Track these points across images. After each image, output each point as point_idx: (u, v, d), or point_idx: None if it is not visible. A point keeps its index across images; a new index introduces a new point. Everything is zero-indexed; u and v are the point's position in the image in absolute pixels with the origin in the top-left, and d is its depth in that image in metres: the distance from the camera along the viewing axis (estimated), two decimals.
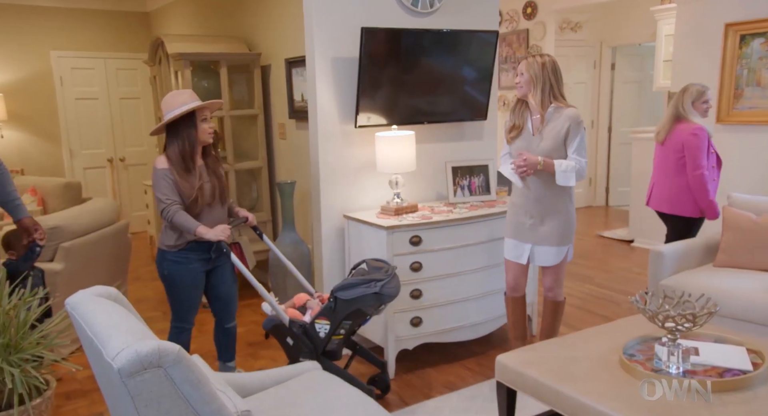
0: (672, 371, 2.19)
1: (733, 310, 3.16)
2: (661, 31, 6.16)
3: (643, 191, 5.79)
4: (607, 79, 7.72)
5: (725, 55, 4.80)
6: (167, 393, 1.41)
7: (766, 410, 1.98)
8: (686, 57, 5.32)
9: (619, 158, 7.73)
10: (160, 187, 2.75)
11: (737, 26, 4.71)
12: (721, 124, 4.88)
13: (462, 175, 3.78)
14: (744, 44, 4.71)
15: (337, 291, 2.70)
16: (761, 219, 3.44)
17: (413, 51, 3.48)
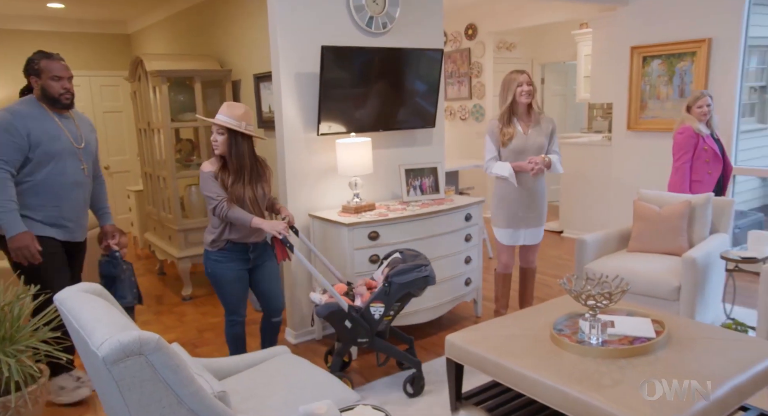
0: (593, 342, 2.26)
1: (641, 288, 3.27)
2: (580, 51, 6.33)
3: (569, 189, 5.95)
4: (538, 92, 7.88)
5: (632, 73, 4.97)
6: (149, 377, 1.38)
7: (665, 368, 2.07)
8: (601, 74, 5.49)
9: None
10: (208, 186, 2.66)
11: (640, 49, 4.89)
12: (630, 130, 5.06)
13: (414, 177, 3.80)
14: (646, 64, 4.89)
15: (393, 276, 2.73)
16: (663, 211, 3.56)
17: (369, 67, 3.48)
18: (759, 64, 6.47)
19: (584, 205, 5.72)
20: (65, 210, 2.75)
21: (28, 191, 2.65)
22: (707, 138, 3.86)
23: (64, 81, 2.69)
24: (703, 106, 3.84)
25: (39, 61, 2.65)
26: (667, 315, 2.56)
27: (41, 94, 2.67)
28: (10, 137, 2.54)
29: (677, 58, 4.67)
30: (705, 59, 4.46)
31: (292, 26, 3.30)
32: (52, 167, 2.67)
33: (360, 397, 1.92)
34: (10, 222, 2.54)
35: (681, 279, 3.14)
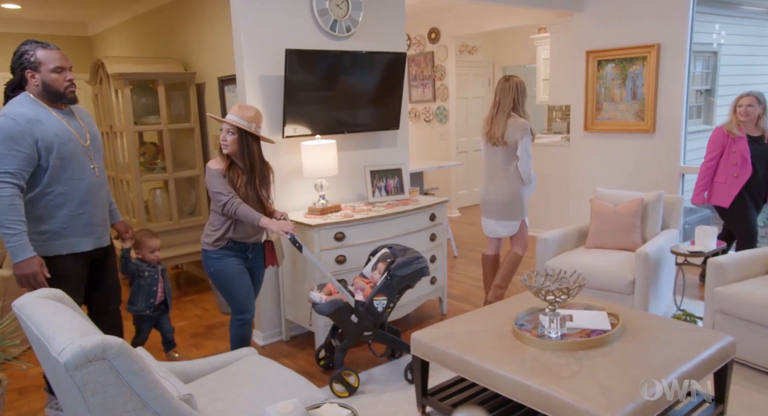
0: (553, 335, 2.32)
1: (599, 282, 3.37)
2: (539, 55, 6.46)
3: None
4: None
5: (588, 77, 5.10)
6: (112, 382, 1.36)
7: (619, 358, 2.14)
8: (559, 77, 5.62)
9: None
10: (218, 182, 2.60)
11: (595, 53, 5.03)
12: (587, 131, 5.19)
13: (379, 178, 3.82)
14: (601, 68, 5.04)
15: (394, 269, 2.80)
16: (618, 208, 3.68)
17: (333, 70, 3.48)
18: (704, 68, 6.74)
19: (545, 203, 5.84)
20: (93, 216, 2.47)
21: (52, 203, 2.34)
22: (739, 140, 3.64)
23: (67, 72, 2.35)
24: (743, 106, 3.63)
25: (35, 52, 2.28)
26: (622, 308, 2.65)
27: (42, 89, 2.31)
28: (15, 146, 2.18)
29: (629, 62, 4.82)
30: (655, 63, 4.63)
31: (255, 29, 3.28)
32: (71, 172, 2.36)
33: (327, 396, 1.92)
34: (18, 246, 2.20)
35: (635, 273, 3.25)
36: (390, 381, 2.94)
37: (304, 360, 3.27)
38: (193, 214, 4.83)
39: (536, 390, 2.01)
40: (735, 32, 6.84)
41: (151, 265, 2.92)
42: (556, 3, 4.94)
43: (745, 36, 7.06)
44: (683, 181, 4.76)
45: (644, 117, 4.78)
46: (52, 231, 2.35)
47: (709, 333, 2.38)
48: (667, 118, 4.66)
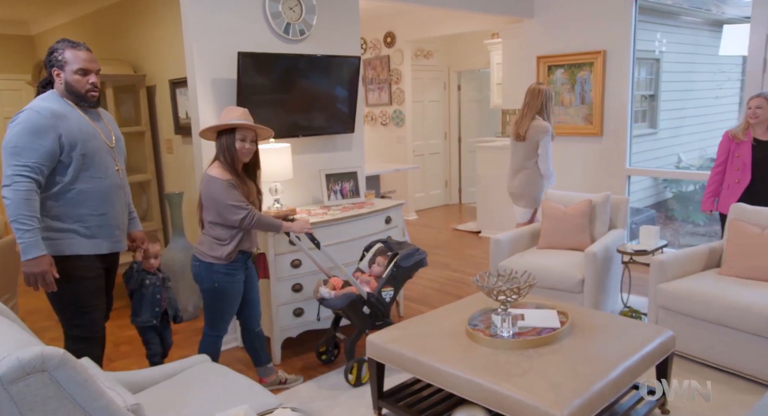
0: (505, 335, 2.37)
1: (550, 282, 3.46)
2: (493, 59, 6.60)
3: (485, 191, 6.18)
4: (455, 98, 8.12)
5: (538, 81, 5.24)
6: (53, 394, 1.31)
7: (568, 355, 2.21)
8: (512, 81, 5.76)
9: (468, 163, 8.16)
10: (232, 194, 2.47)
11: (545, 58, 5.19)
12: None
13: (334, 181, 3.82)
14: (551, 73, 5.19)
15: (400, 261, 2.97)
16: (568, 210, 3.79)
17: (287, 73, 3.46)
18: (648, 74, 7.03)
19: (500, 206, 5.96)
20: (113, 217, 2.38)
21: (73, 201, 2.26)
22: (743, 145, 3.49)
23: (92, 75, 2.28)
24: (752, 107, 3.43)
25: (64, 51, 2.24)
26: (571, 307, 2.73)
27: (65, 89, 2.26)
28: (37, 139, 2.13)
29: (578, 67, 4.99)
30: (601, 69, 4.80)
31: (206, 32, 3.23)
32: (94, 170, 2.29)
33: (281, 401, 1.91)
34: (29, 242, 2.11)
35: (584, 272, 3.36)
36: (347, 385, 2.94)
37: None
38: (145, 220, 4.70)
39: (488, 388, 2.05)
40: (675, 41, 7.19)
41: (152, 273, 2.78)
42: (507, 9, 5.06)
43: (685, 44, 7.42)
44: (629, 183, 4.95)
45: (592, 121, 4.95)
46: (72, 230, 2.26)
47: (652, 329, 2.48)
48: (613, 121, 4.84)
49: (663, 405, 2.55)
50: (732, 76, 7.45)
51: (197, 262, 2.60)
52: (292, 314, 3.26)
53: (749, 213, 3.19)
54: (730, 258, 3.15)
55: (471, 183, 8.06)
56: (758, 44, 4.05)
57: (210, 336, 2.70)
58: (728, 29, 7.34)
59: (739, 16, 7.00)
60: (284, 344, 3.40)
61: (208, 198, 2.51)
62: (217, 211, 2.50)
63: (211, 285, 2.59)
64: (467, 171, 8.16)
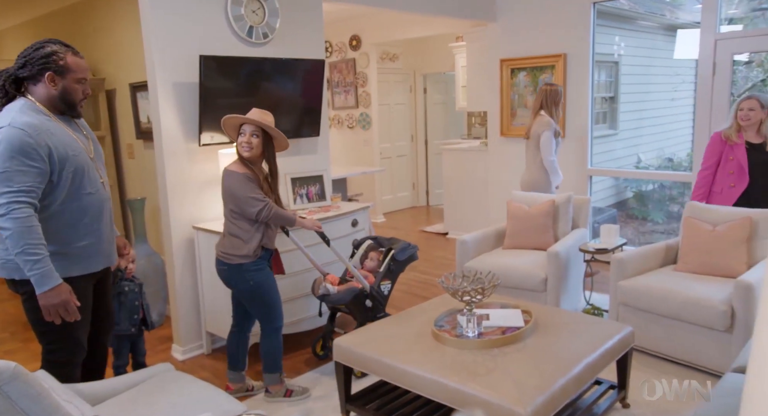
0: (470, 335, 2.40)
1: (514, 281, 3.52)
2: (457, 62, 6.68)
3: (452, 193, 6.24)
4: (421, 101, 8.18)
5: (502, 84, 5.34)
6: (4, 409, 1.27)
7: (531, 353, 2.26)
8: (476, 84, 5.84)
9: (435, 165, 8.22)
10: (249, 187, 2.52)
11: (508, 61, 5.28)
12: (504, 136, 5.43)
13: (300, 185, 3.80)
14: (514, 75, 5.29)
15: (397, 255, 3.13)
16: (532, 210, 3.87)
17: (251, 77, 3.43)
18: (607, 77, 7.23)
19: (466, 207, 6.04)
20: (104, 232, 2.23)
21: (64, 222, 2.08)
22: (737, 147, 3.34)
23: (86, 85, 2.17)
24: (744, 109, 3.30)
25: (65, 56, 2.06)
26: (535, 305, 2.79)
27: (58, 96, 2.07)
28: (28, 161, 1.92)
29: (540, 70, 5.09)
30: (562, 72, 4.91)
31: (167, 35, 3.18)
32: (83, 187, 2.11)
33: (246, 407, 1.89)
34: (43, 271, 1.94)
35: (547, 271, 3.42)
36: (314, 389, 2.93)
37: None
38: None
39: (454, 388, 2.07)
40: (633, 45, 7.41)
41: (129, 279, 2.69)
42: (471, 13, 5.13)
43: (642, 48, 7.66)
44: (591, 183, 5.08)
45: None
46: (62, 252, 2.08)
47: (612, 325, 2.55)
48: (575, 123, 4.96)
49: (624, 399, 2.62)
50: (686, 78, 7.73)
51: (225, 266, 2.61)
52: None
53: (702, 211, 3.31)
54: (684, 255, 3.26)
55: (438, 185, 8.12)
56: (707, 48, 4.21)
57: (273, 330, 2.71)
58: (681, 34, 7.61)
59: (692, 22, 7.27)
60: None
61: (226, 191, 2.57)
62: (235, 204, 2.55)
63: (247, 285, 2.61)
64: (434, 173, 8.22)
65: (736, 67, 4.80)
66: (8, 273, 2.05)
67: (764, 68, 6.89)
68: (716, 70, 4.20)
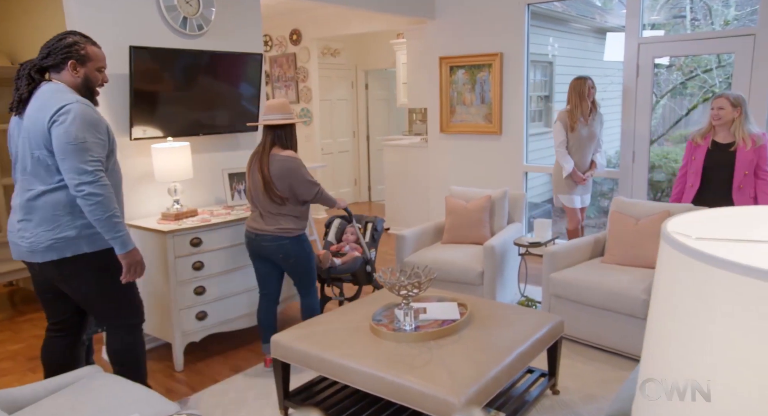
0: (407, 328, 2.44)
1: (452, 275, 3.61)
2: (399, 59, 6.73)
3: (393, 188, 6.30)
4: (363, 97, 8.19)
5: (441, 81, 5.43)
6: None
7: (467, 344, 2.32)
8: (417, 81, 5.91)
9: (376, 161, 8.26)
10: (306, 172, 2.92)
11: (447, 59, 5.37)
12: (443, 133, 5.52)
13: (238, 181, 3.74)
14: (453, 73, 5.39)
15: (378, 225, 3.69)
16: (469, 205, 3.96)
17: (185, 69, 3.34)
18: (543, 76, 7.49)
19: (407, 202, 6.11)
20: (122, 210, 2.40)
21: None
22: (700, 148, 3.42)
23: (104, 73, 2.34)
24: (714, 108, 3.34)
25: (85, 46, 2.24)
26: (471, 298, 2.87)
27: (81, 83, 2.24)
28: (97, 133, 2.16)
29: (477, 68, 5.21)
30: (499, 71, 5.05)
31: (93, 24, 3.03)
32: (114, 162, 2.32)
33: (179, 408, 1.85)
34: (126, 234, 2.23)
35: (483, 265, 3.53)
36: (253, 388, 2.90)
37: (162, 372, 3.10)
38: None
39: (390, 381, 2.10)
40: (566, 45, 7.71)
41: None
42: (410, 10, 5.18)
43: (574, 49, 7.98)
44: (527, 179, 5.25)
45: (492, 120, 5.19)
46: None
47: (543, 316, 2.66)
48: (511, 121, 5.11)
49: (554, 386, 2.74)
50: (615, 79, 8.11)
51: (286, 240, 2.92)
52: (195, 318, 3.16)
53: (627, 205, 3.50)
54: (611, 248, 3.44)
55: (380, 180, 8.17)
56: (631, 52, 4.44)
57: (310, 298, 3.09)
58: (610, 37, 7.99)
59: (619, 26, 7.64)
60: (187, 349, 3.29)
61: (286, 174, 2.85)
62: (292, 187, 2.88)
63: (305, 253, 2.99)
64: (376, 169, 8.27)
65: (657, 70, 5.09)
66: (59, 252, 2.20)
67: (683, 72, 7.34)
68: (639, 72, 4.44)
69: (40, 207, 2.17)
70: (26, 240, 2.20)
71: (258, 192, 2.91)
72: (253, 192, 2.95)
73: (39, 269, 2.26)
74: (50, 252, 2.19)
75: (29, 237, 2.19)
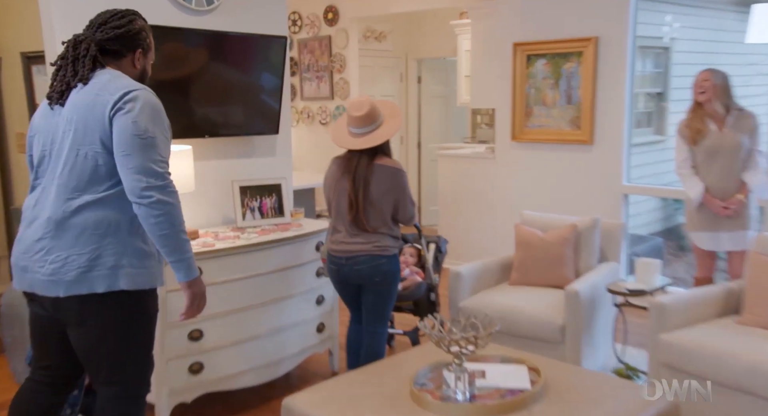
0: (459, 397, 2.37)
1: (524, 328, 3.50)
2: (461, 46, 6.73)
3: (448, 210, 6.23)
4: (414, 93, 8.22)
5: (515, 74, 5.37)
6: None
7: None
8: (482, 74, 5.87)
9: (429, 175, 8.21)
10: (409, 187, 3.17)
11: (523, 46, 5.31)
12: (515, 141, 5.44)
13: (252, 196, 3.79)
14: (530, 64, 5.32)
15: (442, 245, 4.01)
16: (547, 236, 3.86)
17: (189, 55, 3.43)
18: (654, 67, 7.26)
19: (466, 229, 6.03)
20: None
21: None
22: None
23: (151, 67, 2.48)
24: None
25: (149, 35, 2.35)
26: (546, 361, 2.76)
27: (138, 77, 2.32)
28: (166, 131, 2.22)
29: (563, 58, 5.13)
30: (592, 60, 4.95)
31: None
32: None
33: None
34: (192, 257, 2.22)
35: (565, 317, 3.41)
36: None
37: None
38: None
39: None
40: (690, 25, 7.37)
41: None
42: None
43: (702, 29, 7.60)
44: (627, 204, 5.09)
45: (580, 125, 5.08)
46: (153, 253, 2.26)
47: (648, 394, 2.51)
48: (607, 126, 4.98)
49: None
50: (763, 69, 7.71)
51: (384, 259, 3.09)
52: (188, 371, 3.17)
53: None
54: (752, 303, 3.22)
55: (432, 199, 8.10)
56: None
57: (380, 334, 3.24)
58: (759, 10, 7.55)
59: None
60: (175, 412, 3.29)
61: (393, 189, 3.06)
62: (396, 204, 3.08)
63: (399, 274, 3.23)
64: (428, 185, 8.23)
65: None
66: (90, 285, 2.10)
67: None
68: None
69: (79, 222, 2.08)
70: (49, 266, 2.08)
71: (346, 213, 3.07)
72: (341, 208, 3.09)
73: (52, 306, 2.14)
74: (79, 284, 2.08)
75: (55, 262, 2.08)
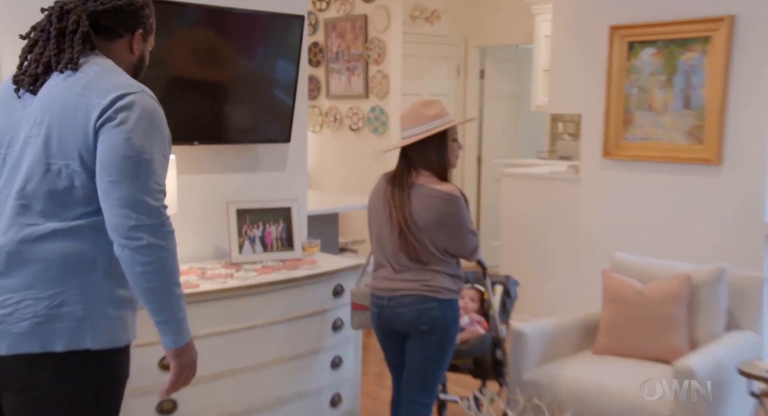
0: None
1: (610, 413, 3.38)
2: (539, 30, 6.68)
3: (513, 246, 6.09)
4: (475, 92, 8.18)
5: (611, 68, 5.26)
6: None
7: None
8: (567, 67, 5.76)
9: (490, 199, 8.11)
10: (468, 216, 3.21)
11: (624, 31, 5.20)
12: (608, 158, 5.31)
13: (252, 222, 3.83)
14: (633, 55, 5.19)
15: (512, 288, 4.02)
16: (648, 289, 3.74)
17: (178, 36, 3.46)
18: None
19: (537, 272, 5.93)
20: None
21: None
22: None
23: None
24: None
25: (153, 14, 2.35)
26: None
27: (136, 64, 2.33)
28: (165, 149, 2.17)
29: (681, 46, 4.99)
30: (724, 49, 4.75)
31: None
32: None
33: None
34: (185, 318, 2.16)
35: (674, 405, 3.27)
36: None
37: None
38: None
39: None
40: None
41: None
42: None
43: None
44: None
45: (703, 138, 4.93)
46: (131, 299, 2.20)
47: None
48: (743, 140, 4.81)
49: None
50: None
51: (434, 303, 3.11)
52: None
53: None
54: None
55: (494, 232, 7.93)
56: None
57: (426, 407, 3.22)
58: None
59: None
60: None
61: (444, 221, 3.12)
62: (452, 237, 3.15)
63: (455, 328, 3.23)
64: (489, 212, 8.18)
65: None
66: (45, 341, 2.01)
67: None
68: None
69: (40, 256, 2.02)
70: None
71: (390, 242, 3.15)
72: (383, 235, 3.19)
73: None
74: (31, 339, 1.99)
75: (2, 307, 2.00)
